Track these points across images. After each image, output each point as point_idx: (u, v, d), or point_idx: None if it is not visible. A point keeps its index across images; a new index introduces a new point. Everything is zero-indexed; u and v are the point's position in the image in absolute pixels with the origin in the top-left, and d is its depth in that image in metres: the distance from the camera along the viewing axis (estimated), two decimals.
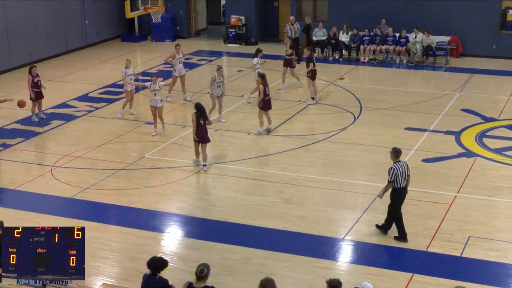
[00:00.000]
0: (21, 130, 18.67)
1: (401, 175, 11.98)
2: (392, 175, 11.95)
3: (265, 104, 17.65)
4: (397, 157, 12.10)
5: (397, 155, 12.13)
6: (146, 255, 10.53)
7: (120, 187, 14.89)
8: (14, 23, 24.61)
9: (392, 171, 11.95)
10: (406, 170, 12.08)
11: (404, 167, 12.05)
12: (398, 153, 12.15)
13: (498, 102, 20.53)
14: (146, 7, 28.55)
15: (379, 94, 21.43)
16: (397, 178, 11.95)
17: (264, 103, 17.61)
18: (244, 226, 13.05)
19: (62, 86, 23.06)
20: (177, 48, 20.65)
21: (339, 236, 12.65)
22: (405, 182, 12.10)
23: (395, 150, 12.17)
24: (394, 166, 11.99)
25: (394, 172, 11.92)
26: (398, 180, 11.98)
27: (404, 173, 12.02)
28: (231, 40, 28.90)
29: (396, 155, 12.12)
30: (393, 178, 11.97)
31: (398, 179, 11.96)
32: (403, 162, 12.15)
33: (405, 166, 12.08)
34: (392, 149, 12.23)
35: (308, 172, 15.43)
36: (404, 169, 12.02)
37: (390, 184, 12.07)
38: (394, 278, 11.18)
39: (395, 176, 11.94)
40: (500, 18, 25.21)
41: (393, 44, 25.17)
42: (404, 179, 12.06)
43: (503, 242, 12.30)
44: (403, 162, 12.13)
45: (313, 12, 28.12)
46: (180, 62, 20.61)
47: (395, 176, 11.94)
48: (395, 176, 11.94)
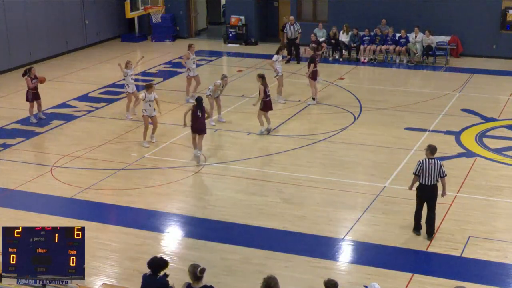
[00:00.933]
0: (21, 130, 18.67)
1: (426, 171, 11.94)
2: (417, 168, 12.04)
3: (265, 105, 17.65)
4: (432, 154, 12.13)
5: (432, 152, 12.15)
6: (146, 255, 10.53)
7: (120, 187, 14.89)
8: (14, 23, 24.61)
9: (417, 164, 12.06)
10: (436, 169, 11.94)
11: (434, 166, 11.94)
12: (434, 150, 12.19)
13: (498, 102, 20.53)
14: (146, 7, 28.54)
15: (379, 94, 21.43)
16: (421, 173, 11.98)
17: (264, 104, 17.62)
18: (244, 226, 13.05)
19: (62, 86, 23.06)
20: (192, 48, 20.70)
21: (339, 236, 12.65)
22: (431, 181, 11.99)
23: (430, 147, 12.22)
24: (422, 160, 12.07)
25: (419, 166, 12.00)
26: (422, 175, 12.00)
27: (432, 171, 11.93)
28: (231, 40, 28.90)
29: (432, 152, 12.15)
30: (417, 172, 12.02)
31: (422, 174, 11.98)
32: (435, 161, 12.04)
33: (435, 165, 11.96)
34: (428, 146, 12.30)
35: (308, 172, 15.43)
36: (433, 167, 11.93)
37: (414, 177, 12.15)
38: (394, 278, 11.18)
39: (419, 170, 11.99)
40: (500, 18, 25.21)
41: (393, 44, 25.18)
42: (430, 178, 11.97)
43: (503, 242, 12.30)
44: (435, 161, 12.03)
45: (313, 12, 28.13)
46: (194, 63, 20.71)
47: (419, 169, 11.99)
48: (419, 170, 11.99)
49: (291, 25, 24.98)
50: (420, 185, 12.15)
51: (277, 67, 20.24)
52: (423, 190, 12.16)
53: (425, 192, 12.15)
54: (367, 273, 11.39)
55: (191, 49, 20.57)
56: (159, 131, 18.10)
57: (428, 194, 12.17)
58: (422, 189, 12.16)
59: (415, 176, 12.12)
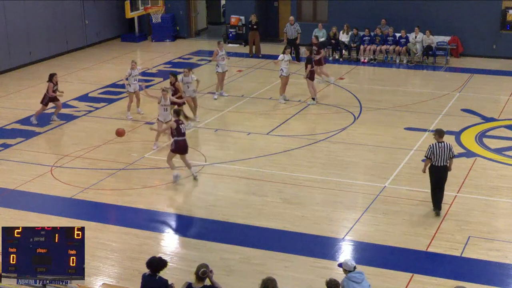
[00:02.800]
0: (21, 130, 18.66)
1: (437, 154, 12.73)
2: (428, 152, 12.84)
3: (177, 146, 14.91)
4: (440, 137, 12.93)
5: (441, 135, 12.98)
6: (146, 255, 10.53)
7: (120, 187, 14.89)
8: (14, 23, 24.60)
9: (428, 148, 12.87)
10: (447, 151, 12.77)
11: (445, 148, 12.75)
12: (442, 133, 13.02)
13: (498, 102, 20.53)
14: (146, 7, 28.54)
15: (379, 94, 21.43)
16: (432, 156, 12.78)
17: (176, 144, 14.91)
18: (244, 226, 13.05)
19: (62, 86, 22.94)
20: (220, 44, 21.02)
21: (339, 236, 12.65)
22: (442, 162, 12.80)
23: (439, 131, 13.06)
24: (432, 144, 12.87)
25: (430, 150, 12.81)
26: (434, 158, 12.81)
27: (442, 153, 12.72)
28: (231, 40, 28.90)
29: (440, 135, 12.94)
30: (429, 155, 12.81)
31: (433, 157, 12.75)
32: (446, 143, 12.83)
33: (445, 147, 12.77)
34: (436, 130, 13.13)
35: (308, 172, 15.43)
36: (443, 150, 12.74)
37: (427, 160, 12.95)
38: (394, 278, 11.18)
39: (430, 153, 12.80)
40: (500, 18, 25.21)
41: (393, 44, 25.18)
42: (441, 159, 12.77)
43: (503, 242, 12.30)
44: (445, 144, 12.82)
45: (313, 12, 28.13)
46: (223, 59, 20.84)
47: (430, 153, 12.80)
48: (430, 153, 12.80)
49: (291, 25, 24.99)
50: (432, 166, 12.93)
51: (282, 66, 20.26)
52: (434, 171, 12.96)
53: (437, 172, 12.94)
54: (367, 273, 11.28)
55: (219, 46, 20.92)
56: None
57: (440, 175, 12.97)
58: (434, 170, 12.97)
59: (428, 159, 12.88)
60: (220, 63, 20.78)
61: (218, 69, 20.90)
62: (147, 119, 19.01)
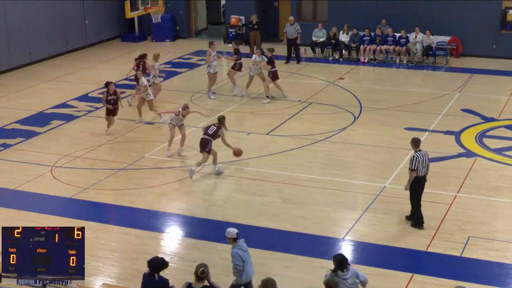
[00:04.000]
0: (21, 130, 18.66)
1: (421, 164, 12.30)
2: (415, 163, 12.26)
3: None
4: (417, 146, 12.53)
5: (417, 144, 12.56)
6: (146, 255, 10.54)
7: (120, 187, 14.89)
8: (14, 23, 24.60)
9: (414, 159, 12.32)
10: (427, 159, 12.44)
11: (425, 156, 12.41)
12: (418, 142, 12.59)
13: (498, 102, 20.53)
14: (146, 7, 28.54)
15: (379, 94, 21.43)
16: (418, 166, 12.27)
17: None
18: (244, 226, 13.04)
19: (62, 86, 23.07)
20: (213, 45, 21.07)
21: (339, 236, 12.65)
22: (424, 171, 12.43)
23: (415, 140, 12.62)
24: (415, 154, 12.36)
25: (416, 160, 12.27)
26: (419, 169, 12.30)
27: (425, 162, 12.38)
28: (231, 40, 28.84)
29: (416, 144, 12.54)
30: (416, 166, 12.28)
31: (419, 167, 12.29)
32: (424, 151, 12.49)
33: (426, 155, 12.45)
34: (412, 139, 12.69)
35: (308, 172, 15.43)
36: (424, 158, 12.38)
37: (413, 172, 12.35)
38: (394, 278, 11.18)
39: (416, 163, 12.26)
40: (500, 18, 25.20)
41: (393, 44, 25.17)
42: (424, 168, 12.40)
43: (503, 242, 12.31)
44: (423, 151, 12.48)
45: (313, 12, 28.13)
46: (215, 59, 20.98)
47: (417, 163, 12.27)
48: (416, 163, 12.26)
49: (291, 25, 24.98)
50: (418, 178, 12.42)
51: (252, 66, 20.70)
52: (420, 182, 12.49)
53: (422, 183, 12.53)
54: (367, 273, 11.30)
55: (212, 47, 20.97)
56: (159, 131, 18.14)
57: (423, 184, 12.59)
58: (419, 181, 12.47)
59: (413, 171, 12.34)
60: (212, 64, 20.79)
61: (210, 70, 20.91)
62: (145, 120, 19.01)
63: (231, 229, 9.92)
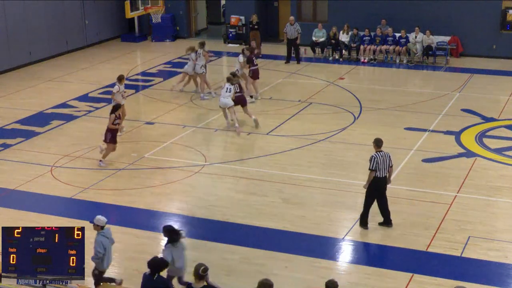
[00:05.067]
0: (21, 130, 18.66)
1: (381, 164, 12.24)
2: (373, 163, 12.23)
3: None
4: (378, 146, 12.45)
5: (379, 144, 12.48)
6: (146, 255, 10.53)
7: (120, 187, 14.89)
8: (14, 23, 24.60)
9: (372, 159, 12.26)
10: (388, 160, 12.34)
11: (386, 157, 12.31)
12: (380, 143, 12.51)
13: (498, 102, 20.52)
14: (146, 7, 28.53)
15: (379, 94, 21.43)
16: (377, 167, 12.22)
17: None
18: (244, 226, 13.05)
19: (62, 86, 23.06)
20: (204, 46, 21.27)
21: (339, 236, 12.65)
22: (386, 172, 12.35)
23: (377, 140, 12.54)
24: (375, 155, 12.30)
25: (375, 160, 12.23)
26: (378, 169, 12.26)
27: (385, 163, 12.28)
28: (231, 40, 28.90)
29: (378, 145, 12.47)
30: (374, 167, 12.24)
31: (378, 168, 12.23)
32: (385, 153, 12.39)
33: (386, 156, 12.34)
34: (374, 140, 12.58)
35: (308, 172, 15.43)
36: (385, 159, 12.29)
37: (371, 172, 12.31)
38: (394, 278, 11.18)
39: (375, 164, 12.22)
40: (500, 18, 25.20)
41: (393, 44, 25.17)
42: (385, 170, 12.32)
43: (503, 242, 12.30)
44: (384, 153, 12.38)
45: (313, 12, 28.12)
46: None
47: (375, 163, 12.22)
48: (375, 164, 12.22)
49: (291, 25, 24.98)
50: (376, 179, 12.35)
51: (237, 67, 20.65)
52: (378, 183, 12.40)
53: (381, 185, 12.44)
54: (367, 273, 11.40)
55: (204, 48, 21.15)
56: (159, 131, 18.13)
57: (383, 186, 12.50)
58: (377, 182, 12.38)
59: (371, 171, 12.31)
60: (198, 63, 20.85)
61: (204, 70, 20.88)
62: (146, 120, 19.01)
63: (101, 217, 10.11)
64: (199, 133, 18.29)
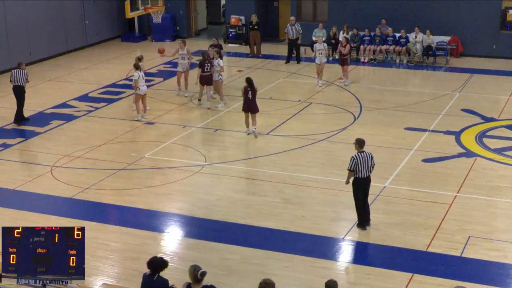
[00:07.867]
0: (21, 130, 18.66)
1: (362, 165, 12.31)
2: (352, 164, 12.33)
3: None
4: (361, 147, 12.52)
5: (361, 145, 12.55)
6: (146, 255, 10.53)
7: (120, 187, 14.89)
8: (14, 23, 24.60)
9: (352, 160, 12.35)
10: (369, 161, 12.41)
11: (367, 158, 12.38)
12: (362, 143, 12.58)
13: (498, 102, 20.53)
14: (146, 7, 28.54)
15: (379, 94, 21.43)
16: (357, 167, 12.30)
17: None
18: (244, 226, 13.05)
19: (62, 86, 23.07)
20: (182, 43, 21.27)
21: (339, 236, 12.65)
22: (367, 172, 12.42)
23: (359, 141, 12.61)
24: (355, 155, 12.38)
25: (354, 161, 12.32)
26: (358, 170, 12.33)
27: (366, 164, 12.36)
28: (231, 40, 28.90)
29: (360, 146, 12.53)
30: (353, 167, 12.33)
31: (358, 168, 12.31)
32: (367, 153, 12.46)
33: (368, 157, 12.41)
34: (356, 139, 12.66)
35: (308, 172, 15.43)
36: (366, 160, 12.36)
37: (350, 172, 12.43)
38: (394, 278, 11.18)
39: (354, 165, 12.30)
40: (500, 18, 25.21)
41: (393, 44, 25.17)
42: (367, 170, 12.40)
43: (503, 242, 12.30)
44: (366, 153, 12.45)
45: (313, 12, 28.13)
46: (183, 58, 21.01)
47: (354, 165, 12.30)
48: (354, 165, 12.30)
49: (292, 25, 24.99)
50: (357, 179, 12.45)
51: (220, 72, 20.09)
52: (360, 183, 12.49)
53: (362, 184, 12.51)
54: (367, 273, 11.40)
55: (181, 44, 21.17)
56: (159, 131, 18.12)
57: (366, 187, 12.57)
58: (359, 182, 12.48)
59: (349, 171, 12.41)
60: (180, 61, 20.92)
61: (178, 68, 21.03)
62: (146, 120, 19.02)
63: None
64: (199, 133, 18.30)
